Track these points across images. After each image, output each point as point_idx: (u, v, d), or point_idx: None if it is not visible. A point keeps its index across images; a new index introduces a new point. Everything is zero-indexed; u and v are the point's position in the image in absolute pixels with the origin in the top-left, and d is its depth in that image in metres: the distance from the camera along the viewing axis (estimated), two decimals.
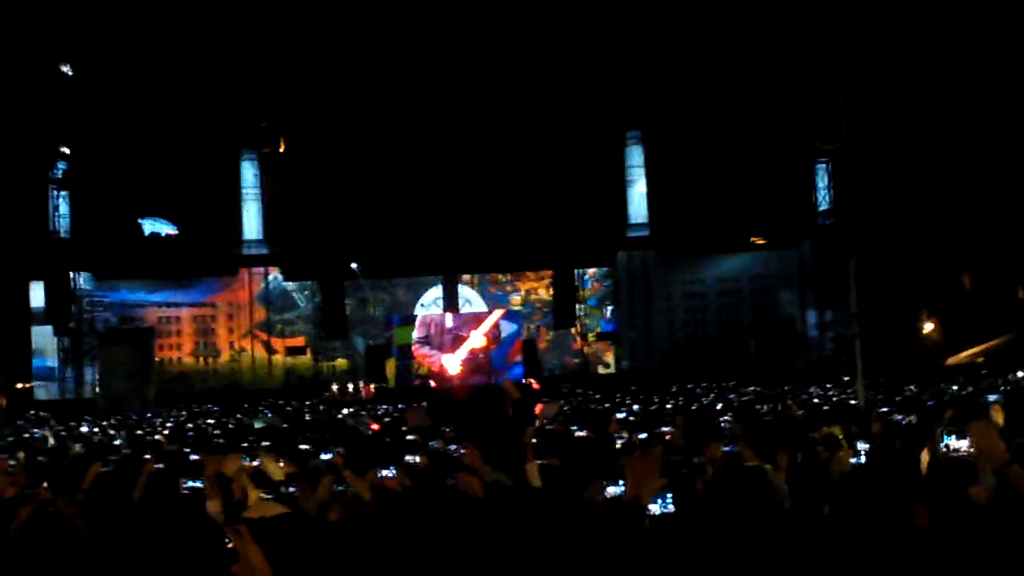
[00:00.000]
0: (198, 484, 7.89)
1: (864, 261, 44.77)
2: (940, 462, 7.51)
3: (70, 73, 49.92)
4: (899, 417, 14.27)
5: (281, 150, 53.51)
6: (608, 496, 5.98)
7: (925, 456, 7.76)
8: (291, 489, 7.58)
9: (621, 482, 6.05)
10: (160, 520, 4.59)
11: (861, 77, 45.49)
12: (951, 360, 48.45)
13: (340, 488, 7.21)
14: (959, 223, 47.70)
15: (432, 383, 50.44)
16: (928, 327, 52.83)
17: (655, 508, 5.33)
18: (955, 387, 29.85)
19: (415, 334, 52.22)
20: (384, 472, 7.27)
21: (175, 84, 49.23)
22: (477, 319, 52.69)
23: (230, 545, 4.47)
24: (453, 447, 11.19)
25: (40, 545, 5.14)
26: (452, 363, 51.37)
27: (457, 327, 51.97)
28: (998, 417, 9.43)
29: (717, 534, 4.72)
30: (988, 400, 19.38)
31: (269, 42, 49.21)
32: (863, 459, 8.73)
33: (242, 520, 5.65)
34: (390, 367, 52.32)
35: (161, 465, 9.61)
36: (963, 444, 7.52)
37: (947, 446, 7.85)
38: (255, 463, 10.08)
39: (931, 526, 4.41)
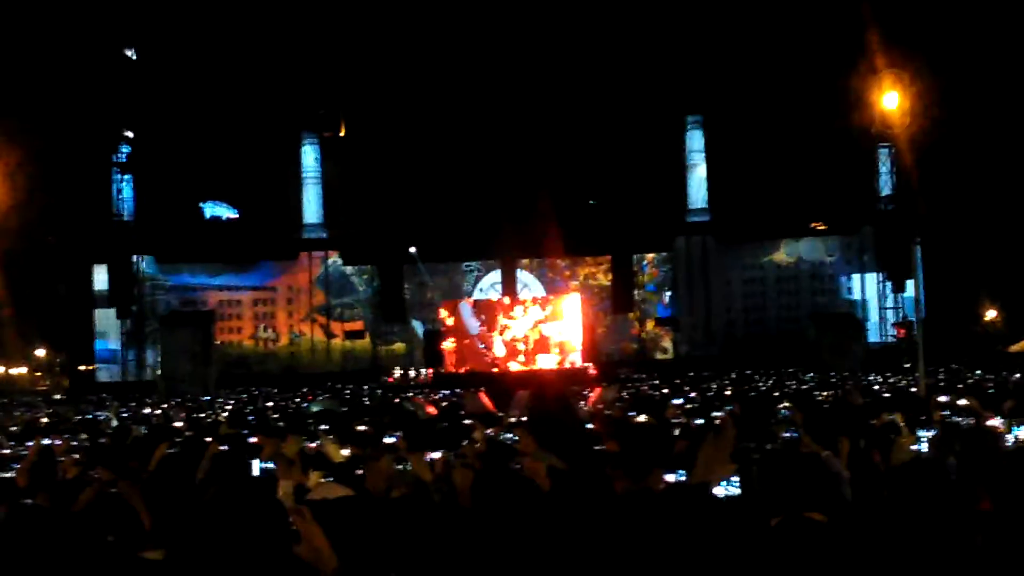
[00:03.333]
0: (269, 466, 7.96)
1: (926, 247, 44.62)
2: (1002, 452, 7.46)
3: (134, 58, 50.31)
4: (959, 403, 14.12)
5: (341, 135, 53.65)
6: (669, 482, 5.98)
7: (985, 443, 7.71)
8: (353, 471, 7.65)
9: (678, 468, 6.06)
10: (223, 501, 4.63)
11: (924, 61, 45.04)
12: (1013, 348, 47.99)
13: (400, 468, 7.27)
14: (1021, 209, 47.21)
15: (494, 368, 50.27)
16: (991, 314, 52.38)
17: (720, 491, 5.33)
18: (1017, 375, 29.50)
19: (474, 319, 52.13)
20: (435, 455, 7.31)
21: (237, 69, 49.47)
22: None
23: (294, 527, 4.52)
24: (508, 434, 11.22)
25: (102, 526, 5.21)
26: (507, 349, 51.16)
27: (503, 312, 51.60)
28: None
29: (775, 518, 4.73)
30: None
31: (330, 27, 49.35)
32: (923, 446, 8.67)
33: (305, 502, 5.72)
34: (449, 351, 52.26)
35: (225, 447, 9.70)
36: None
37: (1016, 437, 7.79)
38: (314, 445, 10.18)
39: (995, 514, 4.39)
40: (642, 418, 13.10)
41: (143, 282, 53.20)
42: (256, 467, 8.17)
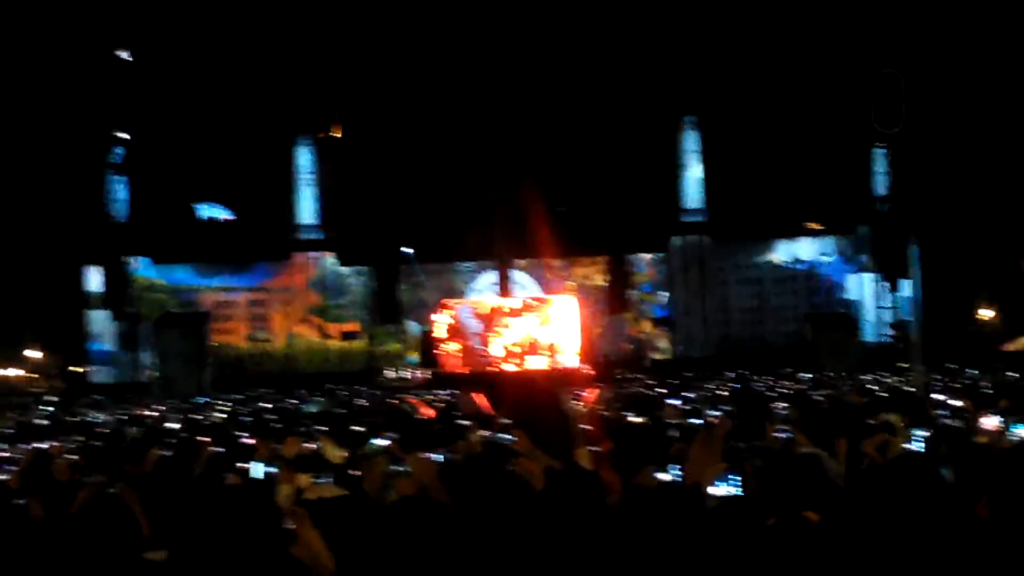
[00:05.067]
0: (266, 468, 7.95)
1: (922, 247, 44.61)
2: (996, 450, 7.47)
3: (128, 59, 50.25)
4: (953, 403, 14.15)
5: (337, 136, 53.64)
6: (662, 481, 5.98)
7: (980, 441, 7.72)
8: (349, 472, 7.64)
9: (673, 468, 6.05)
10: (220, 503, 4.63)
11: (920, 61, 45.07)
12: (1009, 346, 48.07)
13: (395, 469, 7.26)
14: (1017, 209, 47.27)
15: (487, 366, 50.19)
16: (987, 313, 52.43)
17: (720, 491, 5.32)
18: (1014, 374, 29.55)
19: (469, 319, 52.04)
20: (427, 456, 7.29)
21: (232, 70, 49.45)
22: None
23: (290, 527, 4.52)
24: (503, 435, 11.20)
25: (99, 527, 5.20)
26: (502, 349, 51.09)
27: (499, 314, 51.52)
28: None
29: (772, 517, 4.72)
30: None
31: (326, 28, 49.35)
32: (920, 445, 8.67)
33: (302, 503, 5.71)
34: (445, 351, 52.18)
35: (221, 449, 9.69)
36: None
37: (1015, 435, 7.79)
38: (310, 446, 10.17)
39: (991, 512, 4.39)
40: (638, 419, 13.12)
41: (138, 284, 53.14)
42: (253, 469, 8.15)
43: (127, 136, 51.45)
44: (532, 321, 50.66)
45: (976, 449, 7.54)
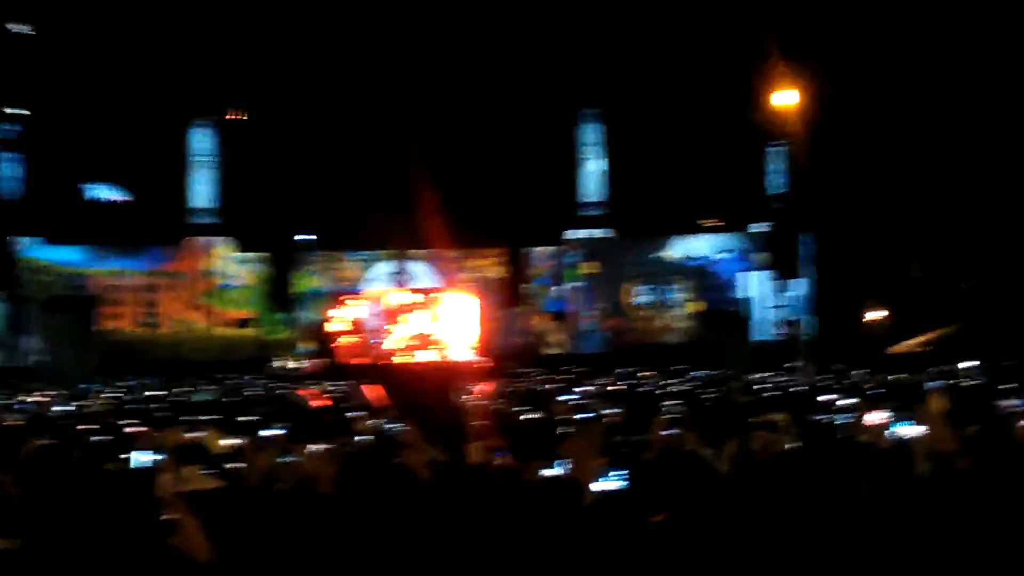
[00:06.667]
0: (147, 456, 7.82)
1: (816, 247, 45.25)
2: (878, 446, 7.57)
3: (25, 33, 49.34)
4: (843, 403, 14.34)
5: (235, 119, 53.18)
6: (548, 475, 5.99)
7: (863, 439, 7.83)
8: (230, 464, 7.55)
9: (561, 463, 6.05)
10: (97, 491, 4.55)
11: (817, 59, 45.65)
12: (895, 348, 48.86)
13: (283, 460, 7.19)
14: (909, 212, 48.06)
15: (380, 360, 50.17)
16: (876, 315, 53.24)
17: (608, 485, 5.33)
18: (898, 376, 30.06)
19: (364, 310, 51.91)
20: (316, 447, 7.23)
21: (130, 48, 48.78)
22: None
23: (169, 517, 4.45)
24: (394, 425, 11.16)
25: None
26: (396, 342, 51.10)
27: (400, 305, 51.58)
28: (940, 405, 9.51)
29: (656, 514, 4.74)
30: (932, 388, 19.55)
31: (226, 10, 48.85)
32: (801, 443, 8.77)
33: (180, 493, 5.62)
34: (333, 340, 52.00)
35: (104, 437, 9.54)
36: (911, 431, 7.56)
37: (894, 433, 7.91)
38: (194, 435, 10.03)
39: (876, 503, 4.45)
40: (530, 415, 13.15)
41: (25, 265, 52.22)
42: (134, 458, 8.02)
43: (22, 112, 50.50)
44: (425, 315, 50.73)
45: (857, 446, 7.65)
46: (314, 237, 53.35)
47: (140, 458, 7.85)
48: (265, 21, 49.25)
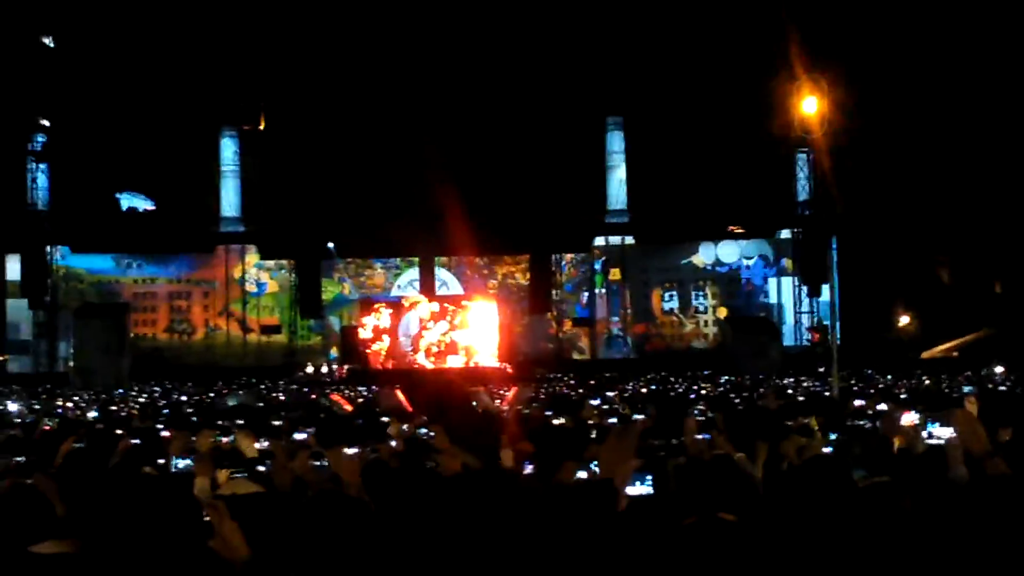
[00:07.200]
0: (185, 462, 7.90)
1: (842, 252, 45.15)
2: (914, 450, 7.56)
3: (51, 45, 49.61)
4: (875, 407, 14.30)
5: (261, 128, 53.36)
6: (581, 479, 6.00)
7: (896, 445, 7.81)
8: (262, 467, 7.60)
9: (594, 465, 6.07)
10: (134, 495, 4.59)
11: (842, 66, 45.54)
12: (926, 354, 48.68)
13: (316, 464, 7.24)
14: (938, 216, 47.88)
15: (409, 364, 50.20)
16: (905, 320, 53.07)
17: (633, 490, 5.35)
18: (928, 380, 29.98)
19: (393, 316, 51.92)
20: (347, 451, 7.25)
21: (157, 59, 49.00)
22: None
23: (207, 520, 4.49)
24: (425, 430, 11.20)
25: (16, 517, 5.13)
26: (425, 347, 51.13)
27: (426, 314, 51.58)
28: (972, 408, 9.48)
29: (689, 518, 4.76)
30: (963, 392, 19.51)
31: (251, 18, 49.01)
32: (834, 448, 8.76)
33: (217, 497, 5.67)
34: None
35: (136, 441, 9.61)
36: (944, 432, 7.55)
37: (930, 434, 7.90)
38: (227, 440, 10.09)
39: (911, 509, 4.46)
40: (559, 419, 13.16)
41: (57, 272, 52.51)
42: (171, 462, 8.10)
43: (49, 123, 50.74)
44: (453, 321, 50.79)
45: (890, 450, 7.63)
46: (333, 246, 53.48)
47: (177, 462, 7.94)
48: (291, 30, 49.36)
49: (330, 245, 53.38)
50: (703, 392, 26.94)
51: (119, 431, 11.95)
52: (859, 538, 4.23)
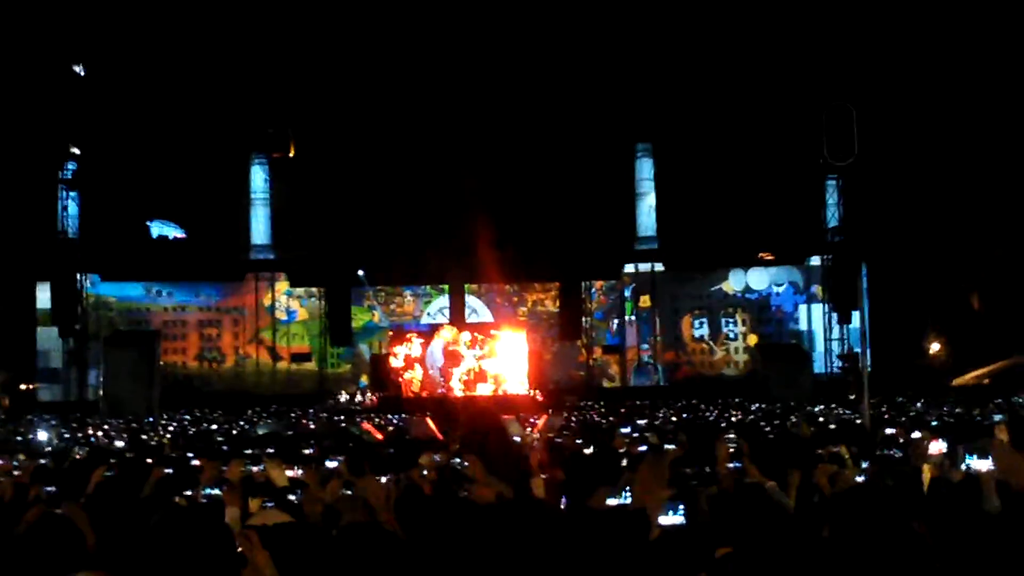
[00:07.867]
0: (216, 492, 7.89)
1: (873, 279, 44.96)
2: (946, 480, 7.51)
3: (82, 73, 49.93)
4: (907, 436, 14.21)
5: (291, 155, 53.56)
6: (612, 505, 5.98)
7: (927, 474, 7.76)
8: (293, 496, 7.59)
9: (626, 494, 6.04)
10: (167, 525, 4.59)
11: (873, 93, 45.50)
12: (957, 380, 48.38)
13: (346, 493, 7.22)
14: (969, 243, 47.70)
15: (440, 392, 50.10)
16: (935, 347, 52.79)
17: (666, 520, 5.32)
18: (959, 408, 29.77)
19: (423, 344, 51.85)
20: (379, 480, 7.24)
21: (186, 86, 49.30)
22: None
23: (239, 550, 4.49)
24: (458, 459, 11.17)
25: (46, 547, 5.13)
26: (456, 376, 51.03)
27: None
28: (1003, 437, 9.42)
29: (720, 547, 4.73)
30: (993, 420, 19.35)
31: (281, 47, 49.26)
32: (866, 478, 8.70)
33: (249, 526, 5.67)
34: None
35: (169, 470, 9.61)
36: (983, 465, 7.50)
37: (967, 466, 7.84)
38: (257, 469, 10.09)
39: (935, 541, 4.42)
40: (589, 448, 13.12)
41: (87, 300, 52.69)
42: (203, 491, 8.10)
43: (79, 151, 51.01)
44: (484, 349, 50.68)
45: (919, 479, 7.58)
46: (363, 273, 53.60)
47: (209, 491, 7.93)
48: (319, 59, 49.58)
49: (360, 272, 53.46)
50: (734, 420, 26.87)
51: (149, 460, 11.97)
52: (893, 569, 4.19)
